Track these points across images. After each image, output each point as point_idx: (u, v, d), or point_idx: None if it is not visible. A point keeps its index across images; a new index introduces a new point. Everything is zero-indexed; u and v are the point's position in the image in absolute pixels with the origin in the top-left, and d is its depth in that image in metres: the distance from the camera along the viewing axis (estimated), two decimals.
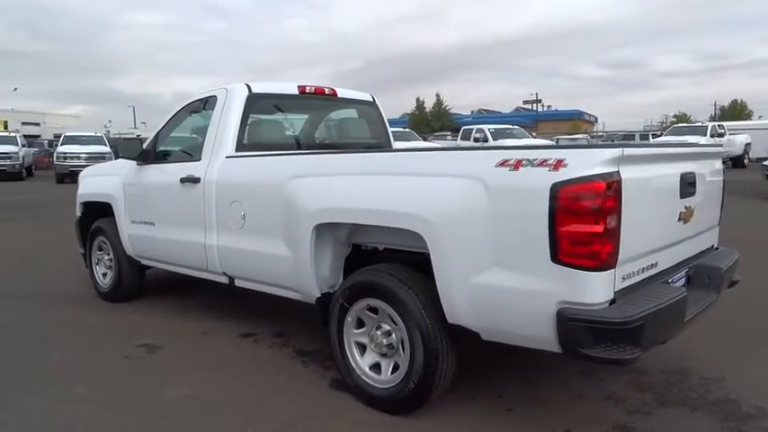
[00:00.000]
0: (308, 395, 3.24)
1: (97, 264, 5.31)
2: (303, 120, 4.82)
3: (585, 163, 2.26)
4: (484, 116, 58.58)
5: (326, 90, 4.53)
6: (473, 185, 2.50)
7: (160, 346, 4.08)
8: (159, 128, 4.64)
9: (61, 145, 21.15)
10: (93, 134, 22.84)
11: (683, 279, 2.94)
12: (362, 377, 3.05)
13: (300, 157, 3.57)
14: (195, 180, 4.00)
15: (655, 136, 24.81)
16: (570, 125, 54.68)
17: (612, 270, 2.30)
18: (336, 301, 3.14)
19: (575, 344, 2.29)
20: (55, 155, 21.02)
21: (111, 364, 3.78)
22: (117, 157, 4.58)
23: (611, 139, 29.29)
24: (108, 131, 37.91)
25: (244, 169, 3.74)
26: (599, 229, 2.22)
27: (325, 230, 3.24)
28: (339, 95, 4.63)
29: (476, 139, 21.64)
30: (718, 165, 3.40)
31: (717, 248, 3.48)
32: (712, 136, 20.54)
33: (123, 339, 4.20)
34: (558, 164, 2.30)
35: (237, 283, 3.92)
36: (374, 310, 2.98)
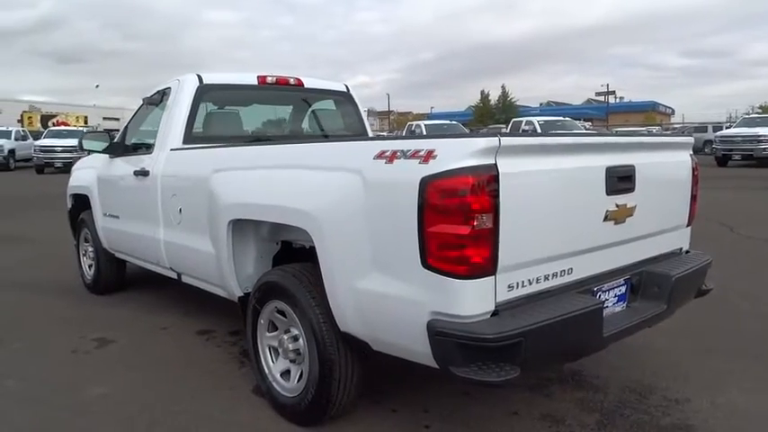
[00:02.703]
0: (223, 399, 3.10)
1: (84, 255, 5.36)
2: (268, 111, 4.70)
3: (455, 154, 1.99)
4: (552, 108, 57.10)
5: (291, 80, 4.37)
6: (353, 179, 2.29)
7: (112, 341, 4.06)
8: (128, 120, 4.60)
9: (43, 138, 22.82)
10: (74, 128, 23.86)
11: (623, 288, 2.66)
12: (273, 383, 2.90)
13: (221, 151, 3.44)
14: (145, 173, 3.95)
15: (727, 128, 23.16)
16: (644, 117, 52.48)
17: (491, 278, 2.03)
18: (250, 303, 3.00)
19: (446, 361, 2.04)
20: (33, 148, 22.65)
21: (55, 357, 3.78)
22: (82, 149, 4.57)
23: (682, 132, 27.74)
24: None
25: (182, 163, 3.65)
26: (465, 230, 1.96)
27: (245, 226, 3.09)
28: (307, 86, 4.46)
29: (524, 131, 20.99)
30: (684, 157, 3.01)
31: (687, 252, 3.12)
32: None
33: (80, 333, 4.21)
34: (429, 155, 2.04)
35: (183, 279, 3.86)
36: (283, 312, 2.83)
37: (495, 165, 1.99)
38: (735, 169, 18.53)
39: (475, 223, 1.95)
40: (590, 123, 39.09)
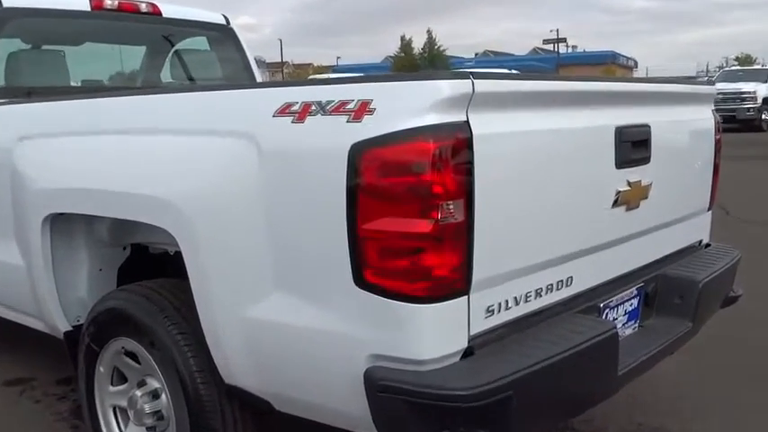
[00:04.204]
0: None
1: None
2: (109, 54, 4.41)
3: (405, 106, 1.77)
4: (490, 60, 58.78)
5: (143, 6, 4.02)
6: (240, 149, 2.06)
7: None
8: None
9: None
10: None
11: (635, 301, 2.60)
12: None
13: (29, 108, 3.12)
14: None
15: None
16: (601, 71, 54.85)
17: (462, 299, 1.84)
18: (83, 341, 2.74)
19: (394, 429, 1.88)
20: None
21: None
22: None
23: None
24: None
25: None
26: (423, 226, 1.74)
27: (71, 224, 2.82)
28: (166, 15, 4.16)
29: None
30: (706, 113, 2.97)
31: (708, 246, 3.11)
32: None
33: None
34: (362, 109, 1.80)
35: None
36: (135, 356, 2.60)
37: (468, 123, 1.77)
38: None
39: (438, 215, 1.74)
40: None
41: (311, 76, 27.05)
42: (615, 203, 2.32)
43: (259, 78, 4.77)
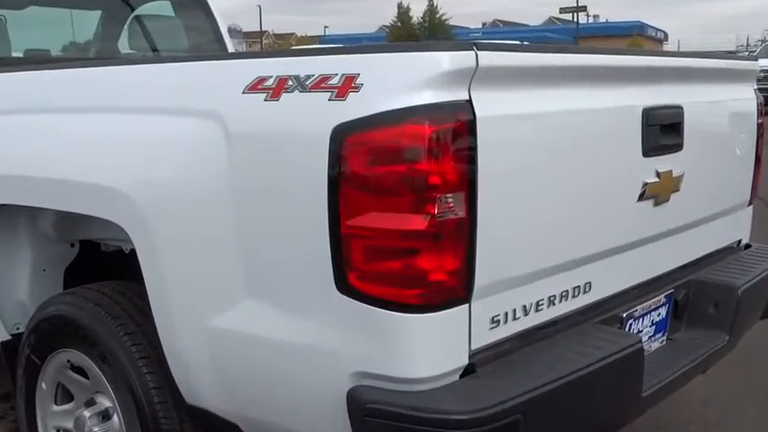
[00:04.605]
0: None
1: None
2: (58, 19, 4.43)
3: (397, 82, 1.78)
4: (499, 30, 59.00)
5: None
6: (205, 131, 2.07)
7: None
8: None
9: None
10: None
11: (663, 310, 2.62)
12: None
13: None
14: None
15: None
16: (627, 43, 55.08)
17: (462, 307, 1.85)
18: (22, 352, 2.75)
19: None
20: None
21: None
22: None
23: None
24: None
25: None
26: (418, 223, 1.74)
27: (8, 217, 2.84)
28: None
29: None
30: (747, 93, 2.98)
31: (748, 246, 3.14)
32: None
33: None
34: (347, 84, 1.80)
35: None
36: (83, 370, 2.59)
37: (470, 103, 1.77)
38: None
39: (435, 210, 1.74)
40: None
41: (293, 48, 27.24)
42: (642, 197, 2.33)
43: (232, 50, 4.77)
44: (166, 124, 2.16)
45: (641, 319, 2.47)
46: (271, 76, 1.92)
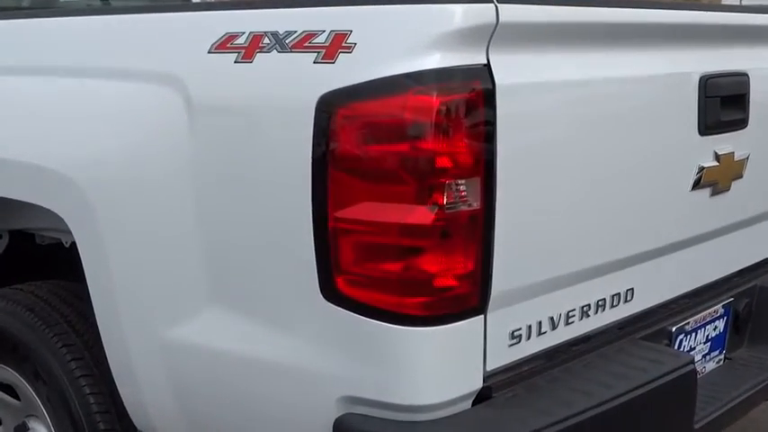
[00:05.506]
0: None
1: None
2: None
3: (398, 41, 1.78)
4: None
5: None
6: (162, 98, 2.08)
7: None
8: None
9: None
10: None
11: (720, 323, 2.65)
12: None
13: None
14: None
15: None
16: None
17: (476, 319, 1.85)
18: None
19: None
20: None
21: None
22: None
23: None
24: None
25: None
26: (423, 215, 1.73)
27: None
28: None
29: None
30: None
31: None
32: None
33: None
34: (337, 43, 1.79)
35: None
36: (13, 389, 2.65)
37: (488, 68, 1.76)
38: None
39: (444, 200, 1.74)
40: None
41: None
42: (697, 185, 2.34)
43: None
44: (113, 90, 2.15)
45: (694, 334, 2.47)
46: (242, 33, 1.92)
